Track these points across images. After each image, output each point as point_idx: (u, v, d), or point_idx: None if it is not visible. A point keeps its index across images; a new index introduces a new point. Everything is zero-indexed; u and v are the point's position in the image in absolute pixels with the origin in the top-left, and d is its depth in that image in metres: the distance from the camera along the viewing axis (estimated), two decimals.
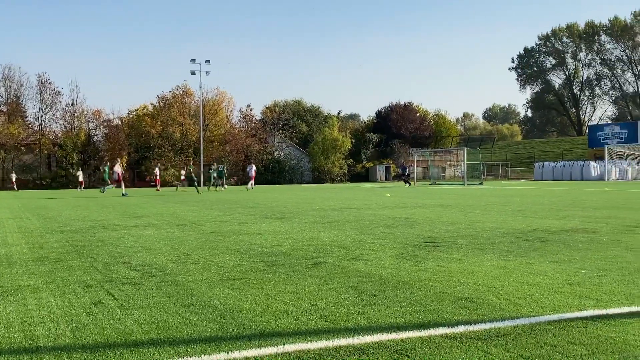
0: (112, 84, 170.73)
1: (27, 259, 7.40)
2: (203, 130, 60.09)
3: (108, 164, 37.25)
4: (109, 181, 32.54)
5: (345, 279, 5.67)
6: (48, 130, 61.19)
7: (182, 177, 43.87)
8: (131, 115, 63.05)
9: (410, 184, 45.45)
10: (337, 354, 3.45)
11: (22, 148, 56.69)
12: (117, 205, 20.38)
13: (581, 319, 4.10)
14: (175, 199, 25.18)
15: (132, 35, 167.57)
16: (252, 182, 39.93)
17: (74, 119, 60.52)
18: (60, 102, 61.47)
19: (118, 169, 32.05)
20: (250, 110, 69.26)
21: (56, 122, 61.77)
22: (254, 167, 41.74)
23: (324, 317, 4.26)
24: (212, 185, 40.17)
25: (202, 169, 54.10)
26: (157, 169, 44.56)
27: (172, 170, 56.18)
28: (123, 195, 29.00)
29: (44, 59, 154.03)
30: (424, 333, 3.81)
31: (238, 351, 3.52)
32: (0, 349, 3.67)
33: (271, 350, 3.52)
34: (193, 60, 57.91)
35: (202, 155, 58.12)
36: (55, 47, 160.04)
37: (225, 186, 40.57)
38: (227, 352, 3.50)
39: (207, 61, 58.51)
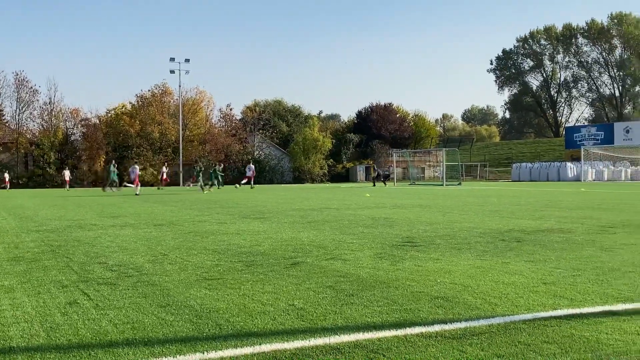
0: (90, 82, 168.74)
1: (1, 259, 7.29)
2: (182, 129, 59.71)
3: (113, 162, 36.98)
4: (115, 182, 32.91)
5: (324, 279, 5.67)
6: (25, 129, 60.39)
7: (192, 176, 43.58)
8: (109, 114, 62.34)
9: (376, 185, 45.40)
10: (314, 353, 3.46)
11: None
12: (94, 204, 20.18)
13: (555, 318, 4.15)
14: (154, 198, 24.99)
15: (111, 33, 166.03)
16: (245, 181, 39.83)
17: (51, 118, 59.84)
18: (37, 100, 60.86)
19: (137, 169, 32.04)
20: (230, 109, 69.13)
21: (33, 121, 61.15)
22: (252, 167, 41.54)
23: (301, 317, 4.26)
24: (214, 186, 39.39)
25: (181, 169, 53.70)
26: (164, 167, 44.05)
27: (151, 169, 55.66)
28: (137, 194, 28.93)
29: (21, 57, 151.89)
30: (400, 332, 3.83)
31: (214, 351, 3.50)
32: None
33: (247, 350, 3.51)
34: (172, 59, 57.54)
35: (181, 155, 57.74)
36: (33, 45, 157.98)
37: (212, 188, 40.05)
38: (203, 353, 3.48)
39: (187, 60, 58.13)
